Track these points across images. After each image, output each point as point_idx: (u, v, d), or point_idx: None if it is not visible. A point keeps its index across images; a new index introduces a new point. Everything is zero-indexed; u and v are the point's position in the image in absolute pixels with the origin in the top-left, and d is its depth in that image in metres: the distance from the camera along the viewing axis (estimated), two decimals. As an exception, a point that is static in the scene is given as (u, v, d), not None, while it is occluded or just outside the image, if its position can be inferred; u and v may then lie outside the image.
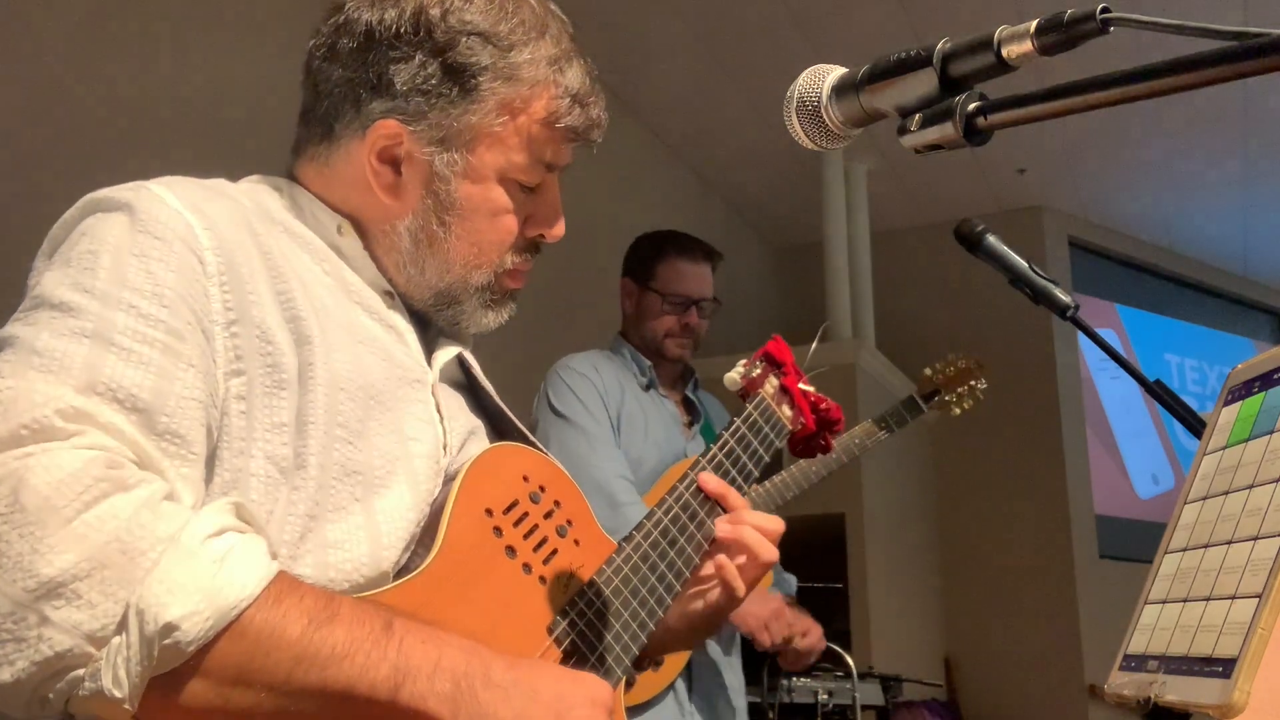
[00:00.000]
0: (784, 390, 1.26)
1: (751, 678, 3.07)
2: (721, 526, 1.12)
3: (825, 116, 0.73)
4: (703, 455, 1.18)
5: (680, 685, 2.16)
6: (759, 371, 1.26)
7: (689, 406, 2.43)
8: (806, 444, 1.29)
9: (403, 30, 0.98)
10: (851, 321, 5.53)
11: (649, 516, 1.10)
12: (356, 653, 0.75)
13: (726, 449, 1.19)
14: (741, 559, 1.12)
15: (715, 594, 1.14)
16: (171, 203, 0.87)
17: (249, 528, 0.78)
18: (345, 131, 1.01)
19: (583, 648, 1.00)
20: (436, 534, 0.93)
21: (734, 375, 1.25)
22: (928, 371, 2.63)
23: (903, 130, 0.68)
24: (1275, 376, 0.88)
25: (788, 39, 4.76)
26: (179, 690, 0.70)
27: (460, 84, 0.98)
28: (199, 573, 0.71)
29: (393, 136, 0.99)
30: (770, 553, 1.11)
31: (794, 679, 3.24)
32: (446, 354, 1.07)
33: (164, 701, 0.70)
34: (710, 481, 1.13)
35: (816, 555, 4.77)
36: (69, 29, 2.77)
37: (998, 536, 6.07)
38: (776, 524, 1.14)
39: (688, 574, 1.10)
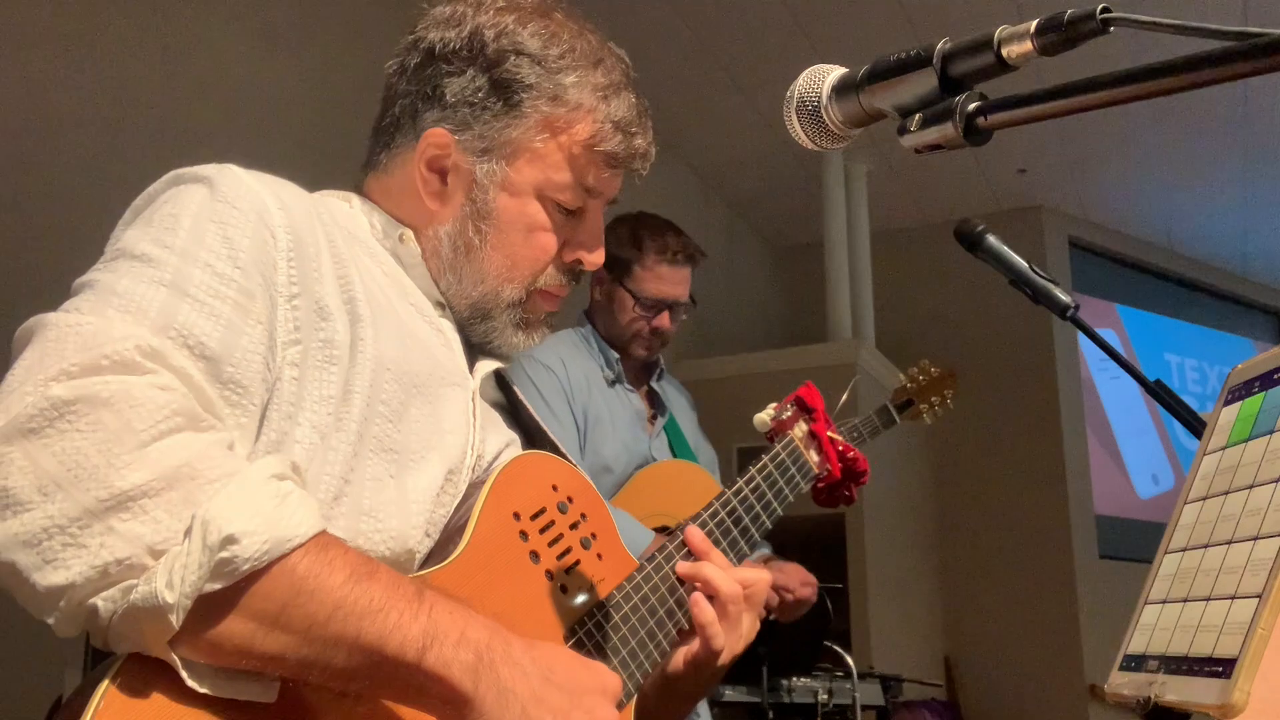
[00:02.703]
0: (813, 436, 1.27)
1: (750, 678, 3.07)
2: (682, 566, 1.08)
3: (825, 116, 0.73)
4: (729, 488, 1.17)
5: None
6: (789, 415, 1.27)
7: (653, 399, 2.35)
8: (830, 492, 1.31)
9: (459, 48, 1.05)
10: (851, 321, 5.53)
11: (671, 539, 1.10)
12: (390, 610, 0.77)
13: (753, 485, 1.19)
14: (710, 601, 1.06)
15: (693, 644, 1.07)
16: (250, 181, 0.93)
17: (301, 484, 0.81)
18: (403, 140, 1.08)
19: (597, 660, 1.00)
20: (464, 532, 0.94)
21: (764, 417, 1.26)
22: (902, 378, 2.58)
23: (903, 130, 0.68)
24: (1275, 376, 0.88)
25: (788, 39, 4.76)
26: (217, 622, 0.71)
27: (505, 98, 1.04)
28: (262, 503, 0.73)
29: (442, 146, 1.05)
30: (730, 587, 1.06)
31: (794, 679, 3.23)
32: (486, 367, 1.10)
33: (200, 631, 0.71)
34: (695, 537, 1.10)
35: (816, 555, 4.76)
36: (78, 31, 2.77)
37: (998, 536, 6.07)
38: (761, 575, 1.09)
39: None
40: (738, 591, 1.07)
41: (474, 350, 1.11)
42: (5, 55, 2.61)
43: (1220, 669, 0.72)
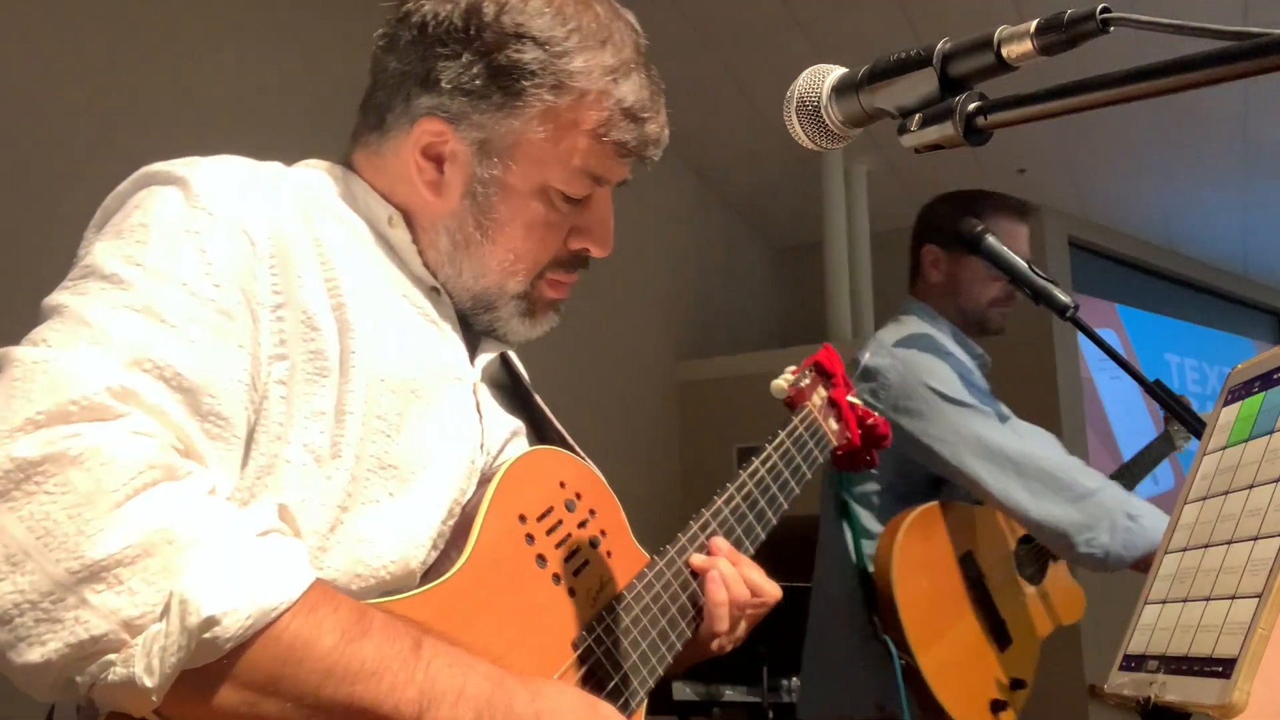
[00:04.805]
0: (832, 403, 1.23)
1: (750, 678, 3.07)
2: (696, 557, 1.08)
3: (825, 116, 0.73)
4: (743, 468, 1.14)
5: None
6: (807, 381, 1.22)
7: None
8: (850, 459, 1.26)
9: (454, 26, 0.96)
10: (851, 321, 5.52)
11: (684, 531, 1.09)
12: (385, 672, 0.74)
13: (770, 465, 1.15)
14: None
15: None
16: (226, 181, 0.87)
17: (290, 531, 0.78)
18: (395, 124, 1.00)
19: (606, 666, 0.98)
20: (468, 537, 0.91)
21: (781, 383, 1.22)
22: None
23: (903, 130, 0.68)
24: (1275, 376, 0.88)
25: (788, 39, 4.76)
26: (207, 692, 0.69)
27: (504, 88, 0.96)
28: (244, 569, 0.70)
29: (437, 134, 0.98)
30: (740, 591, 1.06)
31: (794, 679, 3.23)
32: (488, 354, 1.06)
33: (190, 700, 0.69)
34: (722, 545, 1.09)
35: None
36: (85, 29, 2.77)
37: (998, 536, 6.06)
38: (773, 592, 1.10)
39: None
40: (746, 597, 1.07)
41: (473, 333, 1.06)
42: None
43: (1220, 669, 0.72)
